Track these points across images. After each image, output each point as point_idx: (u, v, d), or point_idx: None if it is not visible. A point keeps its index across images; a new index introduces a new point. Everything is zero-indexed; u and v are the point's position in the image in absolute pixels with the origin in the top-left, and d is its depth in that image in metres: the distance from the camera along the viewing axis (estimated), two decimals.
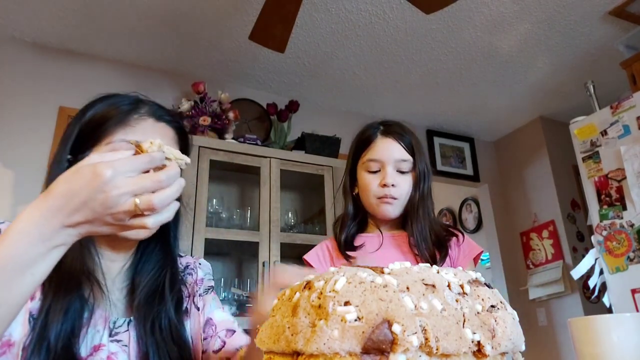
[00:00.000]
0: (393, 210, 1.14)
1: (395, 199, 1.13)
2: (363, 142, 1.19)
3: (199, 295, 0.87)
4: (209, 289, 0.89)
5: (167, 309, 0.76)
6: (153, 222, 0.56)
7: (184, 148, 0.82)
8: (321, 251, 1.20)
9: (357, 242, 1.17)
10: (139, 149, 0.58)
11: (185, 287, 0.85)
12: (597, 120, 2.38)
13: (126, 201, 0.53)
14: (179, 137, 0.81)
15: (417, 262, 1.08)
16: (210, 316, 0.84)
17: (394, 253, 1.14)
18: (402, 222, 1.20)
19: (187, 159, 0.62)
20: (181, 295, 0.81)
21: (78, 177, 0.53)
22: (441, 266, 1.18)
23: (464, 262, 1.15)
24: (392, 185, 1.12)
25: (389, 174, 1.13)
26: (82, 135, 0.74)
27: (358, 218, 1.21)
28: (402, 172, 1.14)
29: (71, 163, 0.73)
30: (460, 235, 1.18)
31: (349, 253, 1.14)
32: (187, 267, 0.89)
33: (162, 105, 0.81)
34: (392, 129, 1.18)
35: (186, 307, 0.83)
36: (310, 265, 1.19)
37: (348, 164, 1.24)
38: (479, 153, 3.72)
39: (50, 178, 0.73)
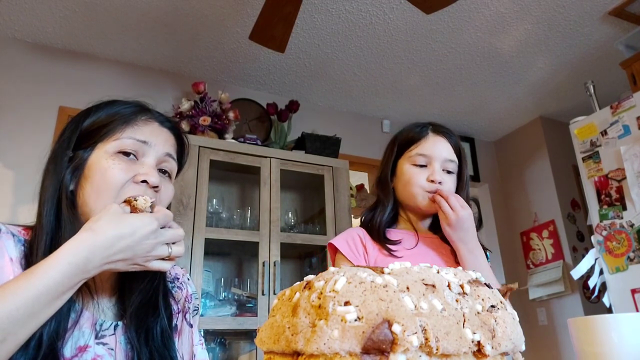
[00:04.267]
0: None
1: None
2: (412, 137, 1.18)
3: (190, 313, 0.87)
4: (196, 310, 0.90)
5: (161, 320, 0.77)
6: (171, 267, 0.70)
7: (181, 155, 0.85)
8: (352, 240, 1.15)
9: (391, 237, 1.15)
10: (134, 206, 0.69)
11: (175, 301, 0.85)
12: (597, 120, 2.38)
13: (161, 248, 0.67)
14: (178, 146, 0.84)
15: (456, 266, 1.09)
16: (194, 350, 0.85)
17: (430, 254, 1.13)
18: (433, 225, 1.19)
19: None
20: (171, 309, 0.82)
21: (126, 223, 0.64)
22: None
23: None
24: (440, 182, 1.11)
25: (437, 170, 1.12)
26: (86, 133, 0.76)
27: (392, 213, 1.19)
28: (447, 172, 1.14)
29: (71, 159, 0.74)
30: None
31: (390, 247, 1.11)
32: (176, 279, 0.89)
33: (163, 114, 0.84)
34: (443, 129, 1.19)
35: (176, 324, 0.83)
36: (335, 250, 1.15)
37: (389, 157, 1.21)
38: (479, 153, 3.72)
39: (49, 176, 0.73)
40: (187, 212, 2.16)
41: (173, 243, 0.69)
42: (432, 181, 1.11)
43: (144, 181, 0.73)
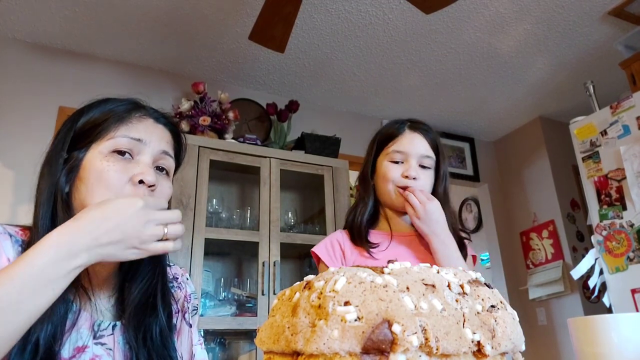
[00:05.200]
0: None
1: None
2: (389, 134, 1.20)
3: (189, 313, 0.87)
4: (195, 310, 0.89)
5: (160, 320, 0.76)
6: (174, 247, 0.67)
7: (178, 151, 0.83)
8: (330, 245, 1.17)
9: (371, 239, 1.17)
10: None
11: (175, 301, 0.84)
12: (597, 120, 2.38)
13: (155, 228, 0.64)
14: (174, 141, 0.82)
15: (431, 263, 1.10)
16: (193, 350, 0.85)
17: (404, 253, 1.14)
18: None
19: None
20: (171, 308, 0.81)
21: (110, 205, 0.62)
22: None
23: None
24: (414, 178, 1.13)
25: (412, 166, 1.14)
26: (80, 133, 0.74)
27: (372, 210, 1.21)
28: (424, 167, 1.16)
29: (66, 161, 0.73)
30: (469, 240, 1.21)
31: (372, 250, 1.14)
32: (175, 278, 0.88)
33: (158, 110, 0.82)
34: (420, 126, 1.21)
35: (175, 323, 0.82)
36: (319, 259, 1.17)
37: (369, 155, 1.24)
38: (479, 153, 3.72)
39: (44, 178, 0.72)
40: (186, 212, 2.16)
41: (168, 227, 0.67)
42: (407, 177, 1.13)
43: (141, 181, 0.71)
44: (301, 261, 2.69)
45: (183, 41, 2.56)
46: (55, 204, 0.71)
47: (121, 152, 0.73)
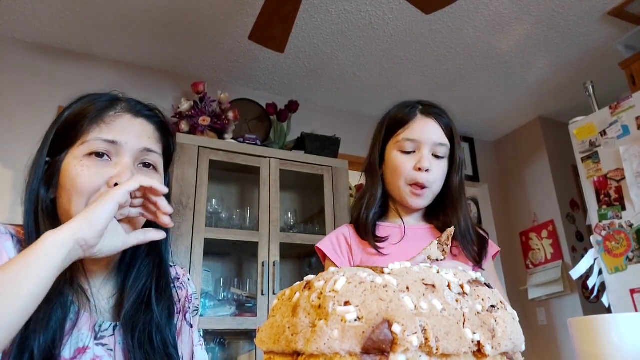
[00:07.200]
0: (422, 201, 1.07)
1: (425, 188, 1.05)
2: (399, 120, 1.09)
3: (190, 313, 0.86)
4: (196, 310, 0.88)
5: (156, 320, 0.74)
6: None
7: (167, 143, 0.79)
8: (336, 240, 1.10)
9: (380, 233, 1.08)
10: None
11: (178, 299, 0.82)
12: (597, 120, 2.38)
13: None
14: (160, 133, 0.78)
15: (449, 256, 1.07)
16: (194, 351, 0.84)
17: (417, 247, 1.05)
18: (427, 213, 1.13)
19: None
20: (172, 305, 0.79)
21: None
22: (484, 263, 1.06)
23: (486, 262, 1.08)
24: (427, 170, 1.03)
25: (425, 156, 1.04)
26: (59, 136, 0.72)
27: (381, 202, 1.11)
28: (438, 157, 1.06)
29: (49, 165, 0.71)
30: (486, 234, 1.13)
31: (378, 244, 1.05)
32: (176, 278, 0.86)
33: (141, 101, 0.77)
34: (433, 110, 1.11)
35: (175, 324, 0.81)
36: (323, 254, 1.10)
37: (377, 142, 1.12)
38: (478, 153, 3.73)
39: (28, 184, 0.71)
40: (186, 212, 2.16)
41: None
42: (419, 169, 1.04)
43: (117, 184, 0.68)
44: (301, 261, 2.69)
45: (183, 41, 2.56)
46: (36, 214, 0.69)
47: (99, 154, 0.69)
